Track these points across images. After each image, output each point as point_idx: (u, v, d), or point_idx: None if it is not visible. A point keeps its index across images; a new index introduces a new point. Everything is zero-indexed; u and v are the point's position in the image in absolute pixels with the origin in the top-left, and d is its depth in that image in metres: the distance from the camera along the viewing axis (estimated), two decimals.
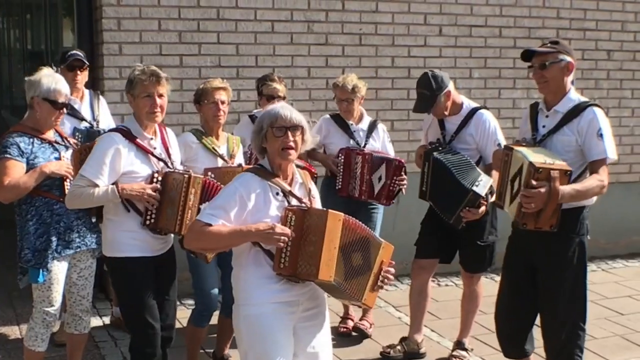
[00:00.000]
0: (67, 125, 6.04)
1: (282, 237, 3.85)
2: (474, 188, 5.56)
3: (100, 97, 6.52)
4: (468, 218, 5.66)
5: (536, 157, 4.67)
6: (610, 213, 8.73)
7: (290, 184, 4.09)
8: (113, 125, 6.30)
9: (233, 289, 4.15)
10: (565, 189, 4.63)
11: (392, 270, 4.14)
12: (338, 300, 4.37)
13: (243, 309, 4.03)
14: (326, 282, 3.92)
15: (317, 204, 4.24)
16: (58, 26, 12.55)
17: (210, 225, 3.87)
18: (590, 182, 4.79)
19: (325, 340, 4.23)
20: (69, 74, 6.19)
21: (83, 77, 6.34)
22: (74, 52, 6.38)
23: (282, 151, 3.98)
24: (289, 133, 3.97)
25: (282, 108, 4.03)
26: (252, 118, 6.19)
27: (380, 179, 6.34)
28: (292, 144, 3.98)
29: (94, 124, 6.26)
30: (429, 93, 5.85)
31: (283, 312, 4.00)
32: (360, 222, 4.06)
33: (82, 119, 6.23)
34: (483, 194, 5.58)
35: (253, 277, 4.01)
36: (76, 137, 5.86)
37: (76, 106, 6.25)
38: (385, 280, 4.10)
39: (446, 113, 5.92)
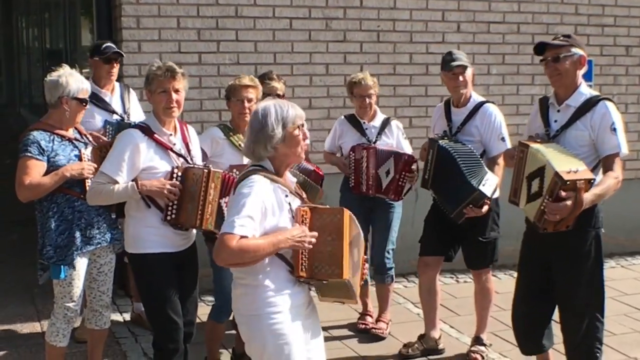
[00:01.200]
0: (97, 118, 6.10)
1: (313, 240, 3.82)
2: (481, 187, 5.54)
3: (131, 89, 6.52)
4: (470, 215, 5.67)
5: (559, 162, 4.63)
6: (630, 210, 8.70)
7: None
8: (144, 118, 6.36)
9: (243, 296, 3.97)
10: (588, 196, 4.65)
11: (367, 264, 4.17)
12: (323, 300, 4.13)
13: (266, 318, 3.85)
14: (341, 282, 3.87)
15: None
16: (76, 24, 12.60)
17: (245, 237, 3.67)
18: (608, 181, 4.80)
19: (321, 335, 4.18)
20: (105, 66, 6.23)
21: (117, 69, 6.37)
22: (109, 44, 6.38)
23: (300, 150, 3.94)
24: (304, 130, 3.96)
25: (293, 106, 3.94)
26: None
27: (388, 173, 6.31)
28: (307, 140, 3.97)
29: (125, 116, 6.26)
30: (465, 58, 5.97)
31: (301, 315, 3.97)
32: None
33: (113, 112, 6.25)
34: (489, 195, 5.58)
35: (273, 282, 3.88)
36: (107, 130, 5.90)
37: (107, 99, 6.27)
38: (364, 275, 4.11)
39: (465, 93, 5.97)
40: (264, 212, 3.77)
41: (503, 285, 7.31)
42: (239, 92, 5.56)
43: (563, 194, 4.56)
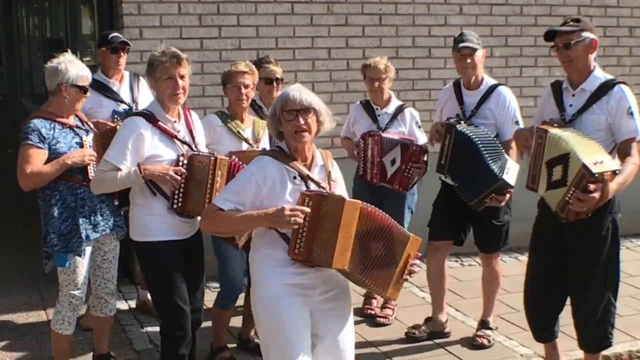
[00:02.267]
0: (105, 107, 6.08)
1: (293, 219, 3.80)
2: (504, 176, 5.48)
3: (141, 78, 6.45)
4: (492, 204, 5.63)
5: (583, 151, 4.60)
6: (635, 192, 8.66)
7: (309, 167, 4.05)
8: None
9: (250, 269, 4.19)
10: (613, 186, 4.65)
11: (418, 262, 4.12)
12: (362, 287, 4.35)
13: (258, 291, 4.06)
14: (341, 271, 3.93)
15: (339, 187, 4.18)
16: (77, 13, 12.56)
17: (222, 210, 3.92)
18: (629, 168, 4.79)
19: (347, 323, 4.21)
20: (112, 56, 6.24)
21: (124, 59, 6.35)
22: (116, 34, 6.38)
23: (294, 134, 3.95)
24: (300, 116, 3.93)
25: (293, 90, 3.98)
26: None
27: (394, 162, 6.21)
28: (304, 126, 3.94)
29: (133, 105, 6.24)
30: (476, 40, 5.92)
31: (297, 293, 3.99)
32: (382, 212, 4.01)
33: (121, 102, 6.24)
34: (512, 184, 5.53)
35: (267, 259, 4.03)
36: (115, 120, 5.88)
37: (115, 88, 6.27)
38: (411, 273, 4.07)
39: (476, 76, 5.93)
40: (258, 190, 3.92)
41: (509, 268, 7.31)
42: (235, 79, 5.54)
43: (592, 187, 4.56)
